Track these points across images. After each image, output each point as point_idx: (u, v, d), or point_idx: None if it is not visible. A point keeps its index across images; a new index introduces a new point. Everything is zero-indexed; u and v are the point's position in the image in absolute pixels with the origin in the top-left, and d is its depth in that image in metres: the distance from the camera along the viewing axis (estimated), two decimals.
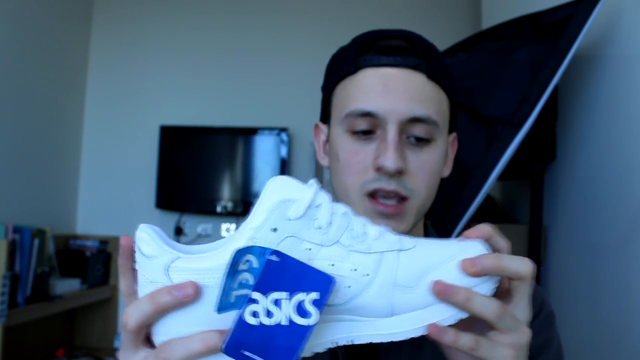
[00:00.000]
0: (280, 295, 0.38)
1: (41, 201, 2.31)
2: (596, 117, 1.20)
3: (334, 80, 0.66)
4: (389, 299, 0.41)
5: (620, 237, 1.07)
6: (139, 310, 0.40)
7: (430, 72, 0.62)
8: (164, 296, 0.39)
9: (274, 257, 0.39)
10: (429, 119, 0.60)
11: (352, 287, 0.40)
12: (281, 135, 2.55)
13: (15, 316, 1.71)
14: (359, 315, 0.41)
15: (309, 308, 0.38)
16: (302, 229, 0.41)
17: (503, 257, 0.43)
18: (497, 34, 1.37)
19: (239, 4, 2.73)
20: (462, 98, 1.27)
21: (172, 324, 0.40)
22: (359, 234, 0.42)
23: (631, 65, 1.07)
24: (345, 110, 0.62)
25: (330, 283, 0.39)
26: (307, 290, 0.38)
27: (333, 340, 0.41)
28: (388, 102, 0.60)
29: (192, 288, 0.39)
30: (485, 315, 0.42)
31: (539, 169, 1.33)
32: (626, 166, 1.06)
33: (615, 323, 1.07)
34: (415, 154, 0.61)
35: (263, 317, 0.38)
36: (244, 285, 0.39)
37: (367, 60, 0.62)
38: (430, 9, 2.69)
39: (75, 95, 2.63)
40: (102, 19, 2.73)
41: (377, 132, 0.61)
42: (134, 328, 0.40)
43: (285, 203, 0.41)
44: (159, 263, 0.40)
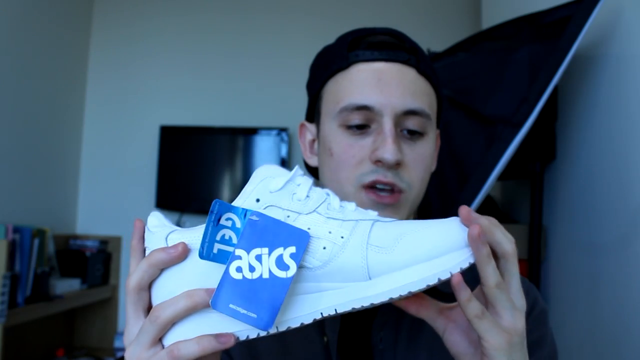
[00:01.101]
0: (262, 251, 0.42)
1: (41, 201, 2.31)
2: (596, 117, 1.20)
3: (325, 77, 0.66)
4: (364, 258, 0.43)
5: (620, 237, 1.07)
6: (137, 271, 0.44)
7: (420, 67, 0.63)
8: (158, 253, 0.43)
9: (254, 217, 0.43)
10: (422, 112, 0.62)
11: (328, 248, 0.43)
12: (281, 135, 2.55)
13: (15, 316, 1.71)
14: (338, 280, 0.43)
15: (287, 261, 0.42)
16: (282, 200, 0.45)
17: (498, 225, 0.45)
18: (497, 34, 1.37)
19: (238, 4, 2.73)
20: (462, 98, 1.28)
21: (167, 285, 0.44)
22: (337, 207, 0.46)
23: (631, 65, 1.07)
24: (339, 105, 0.63)
25: (305, 237, 0.42)
26: (285, 245, 0.42)
27: (318, 311, 0.43)
28: (383, 96, 0.61)
29: (182, 247, 0.43)
30: (489, 278, 0.43)
31: (539, 169, 1.33)
32: (626, 166, 1.06)
33: (615, 323, 1.08)
34: (409, 147, 0.62)
35: (246, 271, 0.42)
36: (226, 241, 0.43)
37: (359, 56, 0.63)
38: (430, 9, 2.69)
39: (75, 95, 2.63)
40: (102, 19, 2.73)
41: (372, 126, 0.62)
42: (134, 287, 0.44)
43: (267, 179, 0.45)
44: (160, 234, 0.45)
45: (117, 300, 2.55)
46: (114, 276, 2.54)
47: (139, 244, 0.46)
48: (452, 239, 0.43)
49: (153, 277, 0.44)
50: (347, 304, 0.43)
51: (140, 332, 0.43)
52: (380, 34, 0.65)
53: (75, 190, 2.64)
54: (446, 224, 0.44)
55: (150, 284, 0.45)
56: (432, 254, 0.43)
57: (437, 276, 0.42)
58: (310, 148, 0.71)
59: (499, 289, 0.43)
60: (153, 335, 0.42)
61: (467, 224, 0.43)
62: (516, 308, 0.45)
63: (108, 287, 2.46)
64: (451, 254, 0.43)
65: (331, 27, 2.63)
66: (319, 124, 0.67)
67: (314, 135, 0.69)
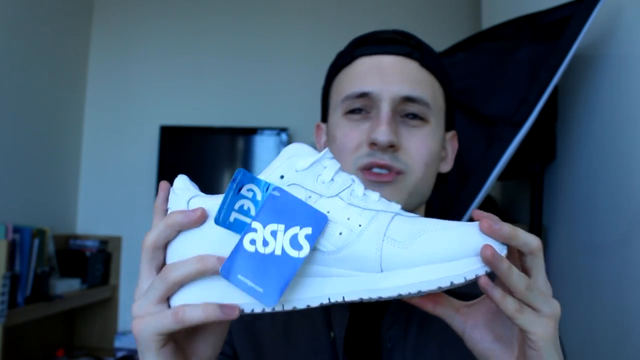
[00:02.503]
0: (278, 227, 0.42)
1: (41, 201, 2.31)
2: (596, 117, 1.20)
3: (332, 75, 0.69)
4: (378, 249, 0.42)
5: (621, 237, 1.07)
6: (155, 229, 0.45)
7: (423, 60, 0.64)
8: (177, 215, 0.44)
9: (276, 192, 0.43)
10: (421, 99, 0.62)
11: (344, 234, 0.42)
12: (281, 135, 2.55)
13: (15, 316, 1.71)
14: (350, 268, 0.42)
15: (301, 241, 0.41)
16: (306, 180, 0.44)
17: (516, 227, 0.43)
18: (497, 34, 1.37)
19: (238, 5, 2.73)
20: (462, 98, 1.28)
21: (182, 247, 0.44)
22: (360, 195, 0.45)
23: (631, 65, 1.07)
24: (342, 95, 0.65)
25: (323, 220, 0.42)
26: (302, 225, 0.42)
27: (325, 296, 0.43)
28: (382, 83, 0.62)
29: (200, 211, 0.43)
30: (517, 285, 0.42)
31: (539, 169, 1.33)
32: (626, 166, 1.06)
33: (616, 323, 1.07)
34: (409, 132, 0.63)
35: (260, 245, 0.42)
36: (245, 212, 0.43)
37: (363, 51, 0.65)
38: (430, 9, 2.69)
39: (76, 95, 2.63)
40: (102, 19, 2.73)
41: (371, 112, 0.63)
42: (150, 244, 0.44)
43: (294, 157, 0.45)
44: (183, 197, 0.46)
45: (117, 300, 2.55)
46: (114, 276, 2.54)
47: (163, 204, 0.47)
48: (471, 245, 0.42)
49: (169, 237, 0.44)
50: (355, 292, 0.42)
51: (149, 288, 0.44)
52: (387, 33, 0.67)
53: (75, 190, 2.64)
54: (467, 228, 0.43)
55: (166, 244, 0.45)
56: (449, 255, 0.41)
57: (450, 279, 0.41)
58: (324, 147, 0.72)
59: (528, 290, 0.42)
60: (161, 293, 0.43)
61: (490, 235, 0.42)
62: (548, 296, 0.44)
63: (108, 287, 2.46)
64: (469, 259, 0.41)
65: (331, 28, 2.65)
66: (327, 120, 0.70)
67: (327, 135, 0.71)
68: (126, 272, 2.58)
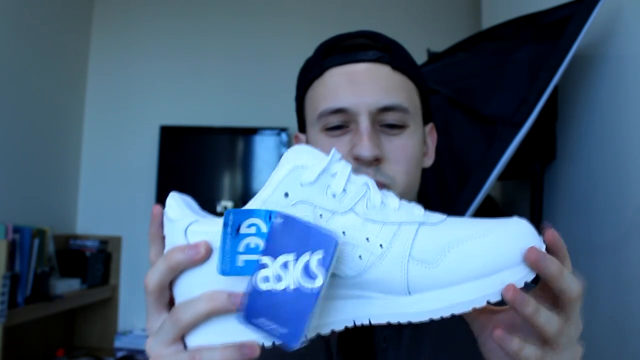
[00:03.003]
0: (288, 258, 0.37)
1: (41, 201, 2.31)
2: (596, 117, 1.20)
3: (303, 87, 0.68)
4: (404, 273, 0.38)
5: (621, 237, 1.07)
6: (156, 271, 0.42)
7: (394, 63, 0.63)
8: (177, 254, 0.41)
9: (279, 219, 0.38)
10: (398, 106, 0.62)
11: (364, 257, 0.38)
12: (281, 135, 2.55)
13: (15, 316, 1.71)
14: (374, 291, 0.39)
15: (314, 269, 0.37)
16: (314, 195, 0.39)
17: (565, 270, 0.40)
18: (497, 34, 1.37)
19: (238, 5, 2.73)
20: (462, 98, 1.28)
21: (189, 285, 0.41)
22: (377, 204, 0.40)
23: (631, 65, 1.07)
24: (317, 111, 0.64)
25: (334, 241, 0.37)
26: (312, 250, 0.37)
27: (350, 319, 0.40)
28: (356, 96, 0.61)
29: (203, 247, 0.40)
30: (546, 329, 0.39)
31: (539, 169, 1.33)
32: (626, 166, 1.06)
33: (615, 323, 1.07)
34: (389, 141, 0.62)
35: (273, 282, 0.37)
36: (252, 250, 0.38)
37: (331, 61, 0.65)
38: (430, 9, 2.69)
39: (76, 95, 2.63)
40: (102, 19, 2.73)
41: (350, 127, 0.62)
42: (153, 288, 0.42)
43: (298, 169, 0.40)
44: (180, 226, 0.41)
45: (117, 300, 2.55)
46: (114, 276, 2.54)
47: (158, 231, 0.44)
48: (508, 254, 0.37)
49: (173, 277, 0.42)
50: (382, 316, 0.39)
51: (161, 329, 0.42)
52: (354, 37, 0.66)
53: (75, 190, 2.64)
54: (503, 232, 0.38)
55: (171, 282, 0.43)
56: (483, 272, 0.37)
57: (485, 298, 0.38)
58: None
59: (559, 335, 0.40)
60: (173, 336, 0.41)
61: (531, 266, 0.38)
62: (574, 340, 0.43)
63: (108, 287, 2.46)
64: (505, 272, 0.37)
65: (330, 27, 2.63)
66: (306, 133, 0.69)
67: None
68: (126, 272, 2.58)
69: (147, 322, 0.44)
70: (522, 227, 0.39)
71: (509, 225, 0.39)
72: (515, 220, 0.39)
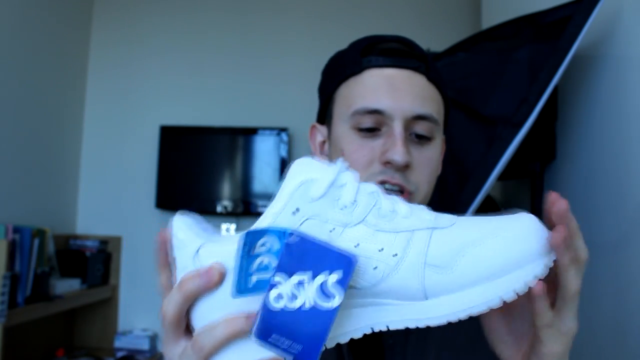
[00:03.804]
0: (303, 277, 0.37)
1: (41, 201, 2.31)
2: (596, 117, 1.20)
3: (338, 81, 0.68)
4: (420, 280, 0.38)
5: (621, 237, 1.07)
6: (172, 301, 0.41)
7: (429, 74, 0.65)
8: (191, 283, 0.40)
9: (293, 238, 0.38)
10: (431, 117, 0.64)
11: (379, 268, 0.38)
12: (281, 135, 2.55)
13: (15, 316, 1.72)
14: (391, 298, 0.39)
15: (332, 290, 0.37)
16: (325, 209, 0.39)
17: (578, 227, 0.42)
18: (497, 34, 1.37)
19: (238, 4, 2.73)
20: (462, 98, 1.28)
21: (206, 311, 0.41)
22: (387, 212, 0.40)
23: (631, 65, 1.07)
24: (351, 108, 0.65)
25: (351, 262, 0.37)
26: (330, 270, 0.37)
27: (368, 326, 0.40)
28: (394, 101, 0.62)
29: (216, 272, 0.40)
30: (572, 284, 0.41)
31: (539, 169, 1.33)
32: (626, 166, 1.06)
33: (615, 323, 1.07)
34: (418, 151, 0.64)
35: (287, 300, 0.37)
36: (264, 268, 0.38)
37: (371, 61, 0.65)
38: (430, 9, 2.69)
39: (75, 95, 2.63)
40: (102, 19, 2.73)
41: (382, 129, 0.64)
42: (172, 320, 0.42)
43: (306, 183, 0.39)
44: (189, 250, 0.41)
45: (117, 300, 2.55)
46: (114, 276, 2.54)
47: (164, 258, 0.44)
48: (524, 252, 0.38)
49: (188, 305, 0.42)
50: (400, 322, 0.39)
51: (182, 357, 0.42)
52: (391, 41, 0.67)
53: (75, 190, 2.64)
54: (517, 230, 0.39)
55: None
56: (498, 272, 0.38)
57: (501, 298, 0.38)
58: (320, 149, 0.73)
59: (576, 295, 0.41)
60: None
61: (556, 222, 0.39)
62: None
63: (108, 287, 2.46)
64: (520, 271, 0.38)
65: (331, 27, 2.65)
66: (330, 126, 0.69)
67: (324, 137, 0.71)
68: (126, 272, 2.58)
69: (165, 349, 0.44)
70: (529, 223, 0.40)
71: (517, 222, 0.40)
72: (521, 217, 0.40)
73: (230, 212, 2.53)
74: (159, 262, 0.44)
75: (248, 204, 2.53)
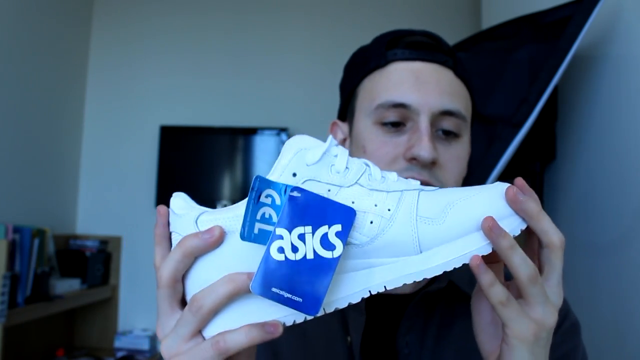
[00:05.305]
0: (304, 230, 0.39)
1: (41, 201, 2.31)
2: (596, 117, 1.20)
3: (361, 75, 0.66)
4: (414, 231, 0.40)
5: (621, 237, 1.07)
6: (170, 260, 0.40)
7: (457, 70, 0.63)
8: (192, 240, 0.40)
9: (295, 193, 0.40)
10: (459, 113, 0.61)
11: (375, 222, 0.40)
12: (281, 135, 2.55)
13: (15, 316, 1.72)
14: (387, 255, 0.40)
15: (333, 241, 0.39)
16: (321, 172, 0.41)
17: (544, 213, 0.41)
18: (497, 34, 1.37)
19: (239, 4, 2.73)
20: None
21: (203, 273, 0.41)
22: (378, 178, 0.43)
23: (631, 65, 1.07)
24: (375, 102, 0.62)
25: (352, 214, 0.39)
26: (330, 224, 0.39)
27: (366, 289, 0.41)
28: (420, 95, 0.60)
29: (217, 230, 0.40)
30: (519, 271, 0.40)
31: (539, 169, 1.33)
32: (626, 166, 1.06)
33: (615, 323, 1.07)
34: (444, 148, 0.61)
35: (289, 252, 0.39)
36: (267, 220, 0.40)
37: (397, 54, 0.63)
38: (430, 9, 2.69)
39: (75, 95, 2.63)
40: (102, 19, 2.73)
41: (407, 125, 0.61)
42: (168, 280, 0.41)
43: (302, 151, 0.42)
44: (189, 217, 0.42)
45: (117, 300, 2.55)
46: (114, 276, 2.54)
47: (164, 230, 0.43)
48: (500, 207, 0.41)
49: (187, 266, 0.41)
50: (397, 280, 0.41)
51: (179, 324, 0.40)
52: (418, 35, 0.64)
53: (75, 190, 2.64)
54: (491, 191, 0.42)
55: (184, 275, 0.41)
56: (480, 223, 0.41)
57: (490, 245, 0.40)
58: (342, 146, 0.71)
59: (531, 282, 0.40)
60: (194, 327, 0.40)
61: (511, 204, 0.41)
62: (550, 302, 0.42)
63: (108, 287, 2.46)
64: (501, 222, 0.40)
65: (331, 27, 2.65)
66: (352, 122, 0.67)
67: (345, 134, 0.69)
68: (126, 272, 2.58)
69: (159, 324, 0.42)
70: (505, 186, 0.42)
71: (494, 186, 0.43)
72: (498, 184, 0.43)
73: None
74: (157, 235, 0.43)
75: None
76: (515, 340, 0.41)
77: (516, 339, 0.41)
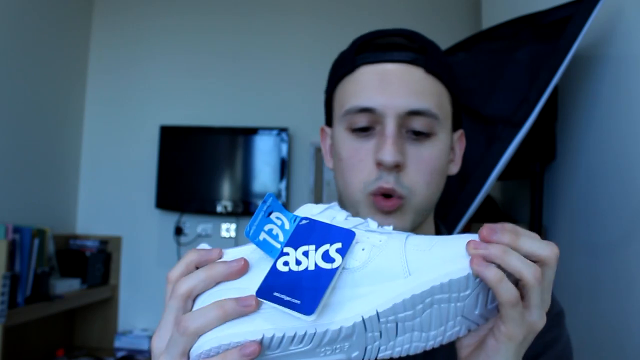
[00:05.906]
0: (309, 248, 0.44)
1: (41, 201, 2.31)
2: (596, 117, 1.20)
3: (334, 82, 0.66)
4: (403, 257, 0.43)
5: (621, 237, 1.07)
6: (193, 277, 0.44)
7: (428, 66, 0.61)
8: (219, 267, 0.43)
9: (304, 221, 0.46)
10: (428, 111, 0.60)
11: (367, 249, 0.44)
12: (281, 135, 2.55)
13: (15, 316, 1.72)
14: (379, 282, 0.43)
15: (333, 255, 0.43)
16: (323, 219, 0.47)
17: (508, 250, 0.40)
18: (497, 34, 1.37)
19: (239, 4, 2.73)
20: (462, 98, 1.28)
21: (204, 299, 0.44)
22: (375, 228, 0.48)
23: (631, 65, 1.07)
24: (343, 108, 0.62)
25: (352, 235, 0.44)
26: (332, 242, 0.44)
27: (359, 314, 0.42)
28: (385, 97, 0.59)
29: (243, 261, 0.44)
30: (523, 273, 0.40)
31: (539, 169, 1.33)
32: (626, 166, 1.06)
33: (616, 323, 1.07)
34: (415, 149, 0.60)
35: (293, 265, 0.43)
36: (274, 237, 0.45)
37: (365, 58, 0.62)
38: (430, 9, 2.69)
39: (76, 95, 2.63)
40: (102, 19, 2.73)
41: (376, 128, 0.61)
42: (184, 292, 0.43)
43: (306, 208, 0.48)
44: None
45: (117, 300, 2.55)
46: (114, 276, 2.54)
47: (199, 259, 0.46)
48: None
49: (206, 288, 0.43)
50: (387, 302, 0.42)
51: (169, 343, 0.42)
52: (391, 35, 0.64)
53: (75, 190, 2.64)
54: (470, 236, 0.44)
55: None
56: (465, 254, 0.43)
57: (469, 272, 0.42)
58: (330, 152, 0.70)
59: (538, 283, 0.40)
60: (183, 347, 0.42)
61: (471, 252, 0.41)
62: (544, 307, 0.43)
63: (108, 287, 2.46)
64: None
65: (331, 27, 2.65)
66: (331, 129, 0.68)
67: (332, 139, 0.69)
68: (126, 272, 2.58)
69: (157, 335, 0.44)
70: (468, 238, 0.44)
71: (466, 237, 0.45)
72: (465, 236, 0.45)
73: (230, 212, 2.53)
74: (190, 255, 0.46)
75: (248, 204, 2.53)
76: (507, 340, 0.41)
77: (508, 337, 0.41)
